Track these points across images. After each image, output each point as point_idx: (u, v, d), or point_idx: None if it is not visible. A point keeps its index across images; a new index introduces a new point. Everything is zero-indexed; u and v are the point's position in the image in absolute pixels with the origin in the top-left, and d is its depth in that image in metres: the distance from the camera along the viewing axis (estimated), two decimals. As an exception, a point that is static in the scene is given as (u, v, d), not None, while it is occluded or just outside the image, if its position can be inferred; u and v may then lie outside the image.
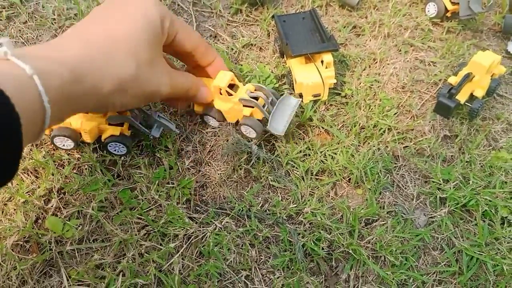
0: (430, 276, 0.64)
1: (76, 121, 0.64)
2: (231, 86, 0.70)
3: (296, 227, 0.66)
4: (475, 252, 0.66)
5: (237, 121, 0.73)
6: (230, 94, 0.69)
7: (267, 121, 0.69)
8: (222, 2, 0.96)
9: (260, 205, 0.68)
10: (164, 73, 0.59)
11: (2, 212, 0.62)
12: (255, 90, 0.72)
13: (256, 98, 0.70)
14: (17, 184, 0.64)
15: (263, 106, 0.69)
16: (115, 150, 0.67)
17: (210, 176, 0.70)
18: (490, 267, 0.65)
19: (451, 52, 0.91)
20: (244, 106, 0.70)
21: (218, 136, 0.74)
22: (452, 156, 0.76)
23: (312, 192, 0.70)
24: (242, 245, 0.64)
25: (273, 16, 0.87)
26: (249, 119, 0.69)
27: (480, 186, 0.71)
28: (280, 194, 0.69)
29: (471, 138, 0.78)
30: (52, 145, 0.67)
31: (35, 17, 0.88)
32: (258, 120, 0.70)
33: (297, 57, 0.77)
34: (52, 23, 0.87)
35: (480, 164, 0.74)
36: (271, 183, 0.70)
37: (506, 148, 0.78)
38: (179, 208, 0.65)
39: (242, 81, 0.79)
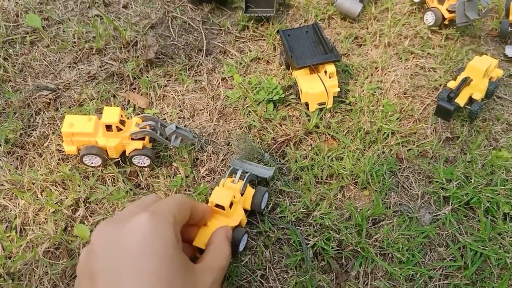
0: (436, 271, 0.67)
1: (102, 139, 0.69)
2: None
3: (307, 229, 0.70)
4: (479, 247, 0.68)
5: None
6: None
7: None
8: (230, 20, 1.01)
9: (271, 208, 0.72)
10: (205, 272, 0.51)
11: (34, 221, 0.68)
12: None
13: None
14: (47, 196, 0.70)
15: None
16: (139, 163, 0.73)
17: (224, 183, 0.75)
18: (493, 261, 0.67)
19: (450, 58, 0.95)
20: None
21: (231, 145, 0.78)
22: (454, 156, 0.79)
23: (322, 197, 0.73)
24: (256, 247, 0.68)
25: (278, 31, 0.92)
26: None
27: (481, 184, 0.74)
28: (289, 199, 0.73)
29: (472, 139, 0.82)
30: (81, 164, 0.72)
31: (56, 41, 0.95)
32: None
33: (301, 68, 0.82)
34: (72, 46, 0.93)
35: (481, 163, 0.78)
36: (280, 188, 0.74)
37: (507, 147, 0.81)
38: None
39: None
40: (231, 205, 0.62)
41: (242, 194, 0.67)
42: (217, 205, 0.62)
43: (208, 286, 0.49)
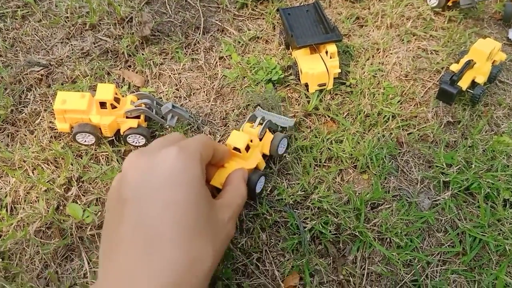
0: (434, 257, 0.66)
1: (95, 117, 0.67)
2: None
3: (304, 212, 0.69)
4: (478, 233, 0.68)
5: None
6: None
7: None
8: (228, -3, 0.98)
9: (269, 190, 0.70)
10: (223, 209, 0.52)
11: (25, 200, 0.66)
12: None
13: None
14: (38, 174, 0.68)
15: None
16: (134, 142, 0.71)
17: (221, 164, 0.73)
18: (492, 247, 0.67)
19: (453, 41, 0.93)
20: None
21: (228, 126, 0.77)
22: (455, 141, 0.78)
23: (321, 180, 0.72)
24: (253, 229, 0.67)
25: (277, 10, 0.89)
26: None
27: (482, 170, 0.73)
28: (287, 181, 0.72)
29: (473, 124, 0.80)
30: (74, 142, 0.70)
31: (49, 15, 0.91)
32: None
33: (302, 48, 0.80)
34: (65, 21, 0.90)
35: (482, 148, 0.76)
36: (278, 169, 0.72)
37: (508, 132, 0.80)
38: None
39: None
40: (248, 148, 0.64)
41: (260, 139, 0.69)
42: (235, 148, 0.64)
43: (226, 220, 0.51)
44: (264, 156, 0.70)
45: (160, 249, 0.41)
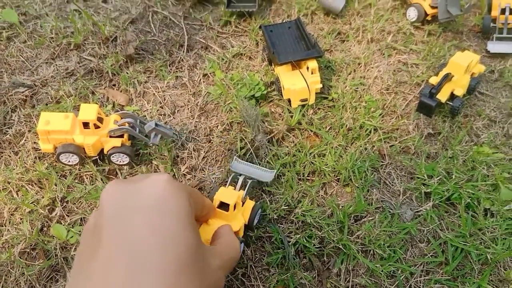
0: (417, 267, 0.67)
1: (79, 137, 0.68)
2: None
3: (289, 226, 0.69)
4: (459, 243, 0.69)
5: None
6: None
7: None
8: (212, 15, 1.00)
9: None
10: (214, 255, 0.47)
11: (10, 221, 0.66)
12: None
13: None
14: (23, 195, 0.68)
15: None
16: (118, 161, 0.71)
17: (205, 181, 0.74)
18: (474, 256, 0.68)
19: (432, 54, 0.95)
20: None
21: (212, 143, 0.77)
22: (435, 152, 0.80)
23: (304, 194, 0.73)
24: (237, 245, 0.67)
25: (260, 27, 0.91)
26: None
27: (462, 180, 0.75)
28: (271, 196, 0.73)
29: (453, 135, 0.82)
30: (58, 162, 0.70)
31: (34, 36, 0.92)
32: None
33: (283, 64, 0.81)
34: (50, 41, 0.91)
35: (462, 159, 0.78)
36: (262, 186, 0.73)
37: (488, 143, 0.81)
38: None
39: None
40: (234, 207, 0.60)
41: (242, 204, 0.65)
42: (222, 204, 0.60)
43: (217, 267, 0.46)
44: None
45: (144, 280, 0.36)
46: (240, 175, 0.69)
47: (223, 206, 0.60)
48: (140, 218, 0.39)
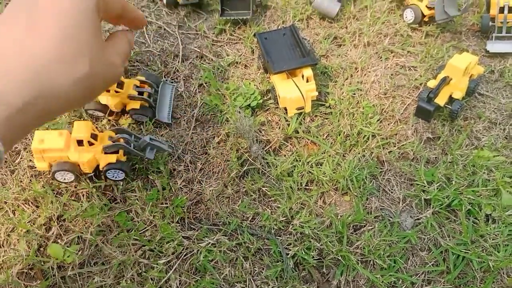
0: (418, 277, 0.66)
1: (74, 154, 0.67)
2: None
3: (287, 238, 0.69)
4: (461, 251, 0.68)
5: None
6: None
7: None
8: (206, 23, 0.99)
9: (251, 219, 0.70)
10: (113, 54, 0.46)
11: (6, 242, 0.66)
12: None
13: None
14: (19, 215, 0.68)
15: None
16: (113, 177, 0.71)
17: (202, 193, 0.73)
18: (476, 264, 0.67)
19: (430, 56, 0.93)
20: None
21: (209, 154, 0.77)
22: (435, 157, 0.79)
23: (302, 204, 0.72)
24: (236, 259, 0.67)
25: (255, 35, 0.90)
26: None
27: (463, 186, 0.74)
28: (270, 208, 0.72)
29: (453, 139, 0.81)
30: (54, 180, 0.70)
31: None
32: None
33: (278, 73, 0.80)
34: None
35: (462, 164, 0.77)
36: (263, 189, 0.73)
37: (488, 146, 0.80)
38: (174, 227, 0.68)
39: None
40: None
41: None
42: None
43: (112, 51, 0.45)
44: None
45: (42, 25, 0.37)
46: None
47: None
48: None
